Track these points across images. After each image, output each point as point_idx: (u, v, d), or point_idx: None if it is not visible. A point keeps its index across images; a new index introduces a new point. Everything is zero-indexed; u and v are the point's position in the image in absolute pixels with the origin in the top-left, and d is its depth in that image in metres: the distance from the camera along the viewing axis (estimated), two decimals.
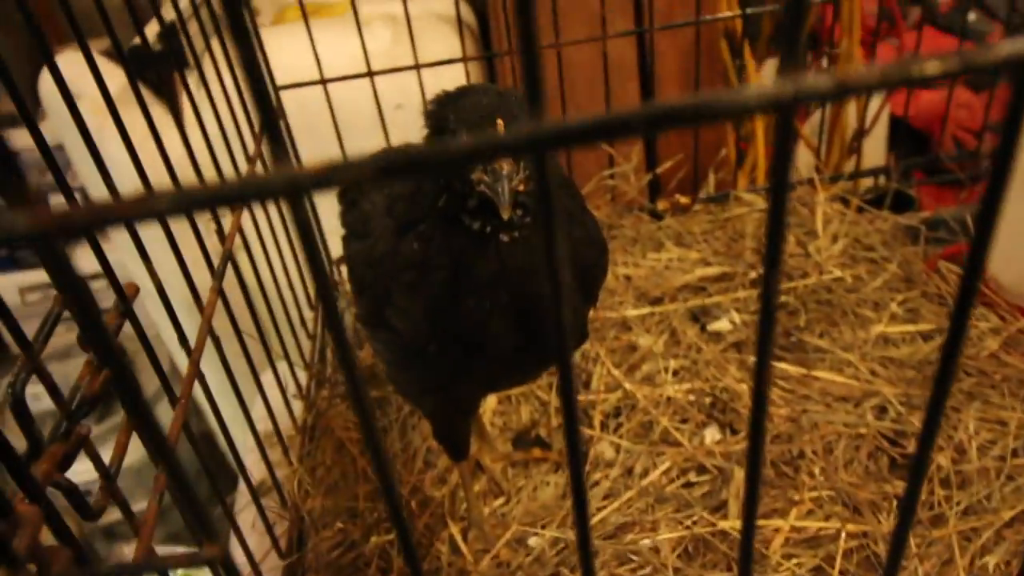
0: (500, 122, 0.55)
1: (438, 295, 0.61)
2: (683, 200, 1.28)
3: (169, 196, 0.20)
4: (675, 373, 1.02)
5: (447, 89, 0.62)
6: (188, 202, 0.20)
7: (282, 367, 0.95)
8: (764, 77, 1.53)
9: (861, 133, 1.38)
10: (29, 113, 0.52)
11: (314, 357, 1.05)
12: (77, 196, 0.56)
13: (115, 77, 0.67)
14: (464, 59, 1.17)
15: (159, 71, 1.30)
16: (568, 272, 0.27)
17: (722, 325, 1.10)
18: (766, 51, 1.73)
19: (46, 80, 1.42)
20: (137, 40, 0.71)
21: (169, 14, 0.88)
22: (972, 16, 1.83)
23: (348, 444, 0.96)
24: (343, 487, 0.92)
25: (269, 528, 0.77)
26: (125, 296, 0.52)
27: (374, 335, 0.70)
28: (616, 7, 1.29)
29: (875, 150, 1.59)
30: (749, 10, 1.24)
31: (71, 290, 0.24)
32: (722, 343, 1.07)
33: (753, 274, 1.18)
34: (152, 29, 1.26)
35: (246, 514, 0.83)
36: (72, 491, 0.42)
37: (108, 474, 0.47)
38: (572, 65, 1.27)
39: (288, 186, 0.20)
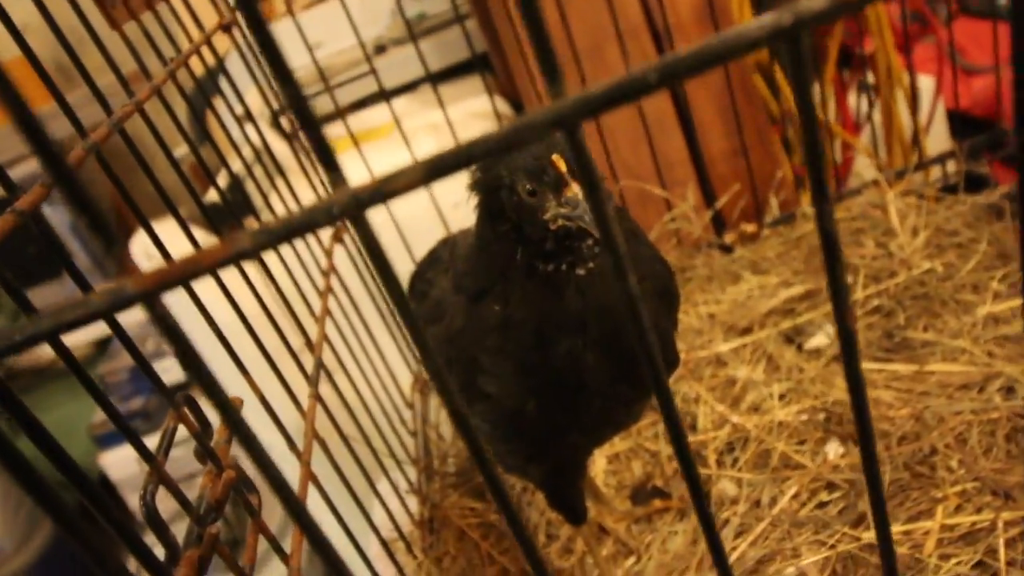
0: (559, 160, 0.57)
1: (527, 348, 0.62)
2: (750, 229, 1.27)
3: (251, 235, 0.22)
4: (781, 397, 0.99)
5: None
6: (268, 237, 0.22)
7: (389, 467, 0.96)
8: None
9: (918, 134, 1.35)
10: None
11: (419, 452, 1.06)
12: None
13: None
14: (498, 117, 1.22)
15: (234, 219, 1.41)
16: (645, 284, 0.28)
17: (819, 341, 1.07)
18: None
19: (137, 245, 1.56)
20: (214, 196, 0.76)
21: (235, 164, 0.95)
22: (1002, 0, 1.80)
23: (468, 531, 0.95)
24: (470, 573, 0.91)
25: None
26: (232, 408, 0.55)
27: (470, 410, 0.71)
28: (637, 64, 1.32)
29: (939, 148, 1.56)
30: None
31: (186, 357, 0.26)
32: (823, 358, 1.03)
33: None
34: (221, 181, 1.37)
35: None
36: None
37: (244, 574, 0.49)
38: (611, 128, 1.29)
39: (351, 204, 0.22)
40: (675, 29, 1.33)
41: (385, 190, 0.22)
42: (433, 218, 1.28)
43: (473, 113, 1.78)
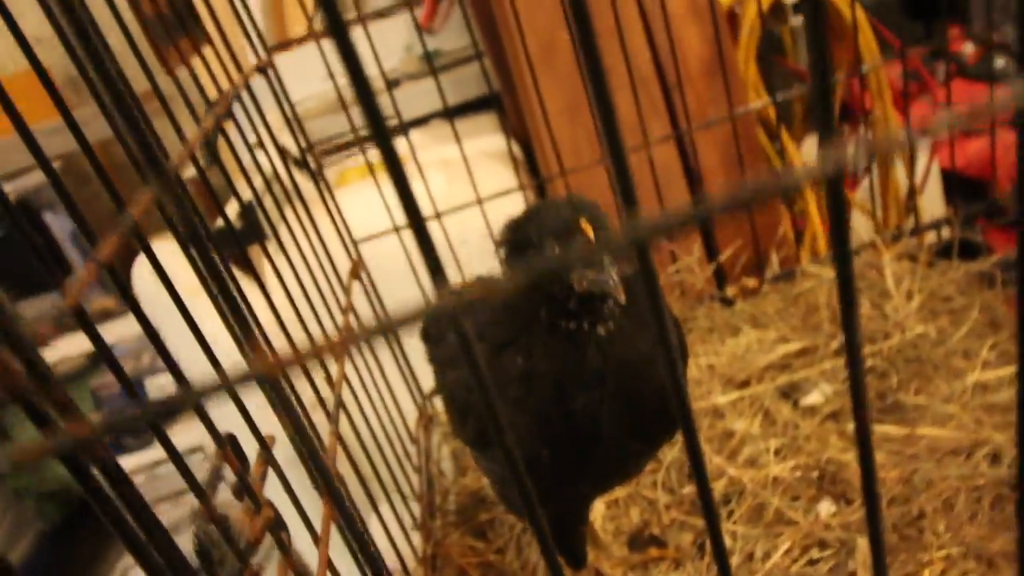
0: (586, 225, 0.61)
1: (547, 400, 0.65)
2: (751, 283, 1.31)
3: (366, 329, 0.25)
4: (777, 452, 1.02)
5: (514, 215, 0.69)
6: (382, 328, 0.26)
7: (394, 502, 0.99)
8: (805, 155, 1.59)
9: (913, 192, 1.41)
10: (135, 300, 0.53)
11: (423, 488, 1.09)
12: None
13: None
14: (521, 188, 1.26)
15: (241, 246, 1.43)
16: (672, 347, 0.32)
17: (814, 398, 1.11)
18: (803, 130, 1.79)
19: (138, 270, 1.55)
20: (221, 223, 0.78)
21: (245, 192, 0.98)
22: (1000, 62, 1.88)
23: (469, 569, 0.98)
24: None
25: None
26: (267, 445, 0.58)
27: (486, 455, 0.74)
28: (650, 114, 1.37)
29: (933, 207, 1.61)
30: (778, 96, 1.31)
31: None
32: (818, 416, 1.07)
33: (835, 344, 1.19)
34: (231, 209, 1.39)
35: None
36: None
37: None
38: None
39: (451, 306, 0.26)
40: (684, 81, 1.38)
41: (472, 298, 0.26)
42: (442, 254, 1.32)
43: (485, 152, 1.82)
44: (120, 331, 2.57)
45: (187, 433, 2.30)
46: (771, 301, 1.31)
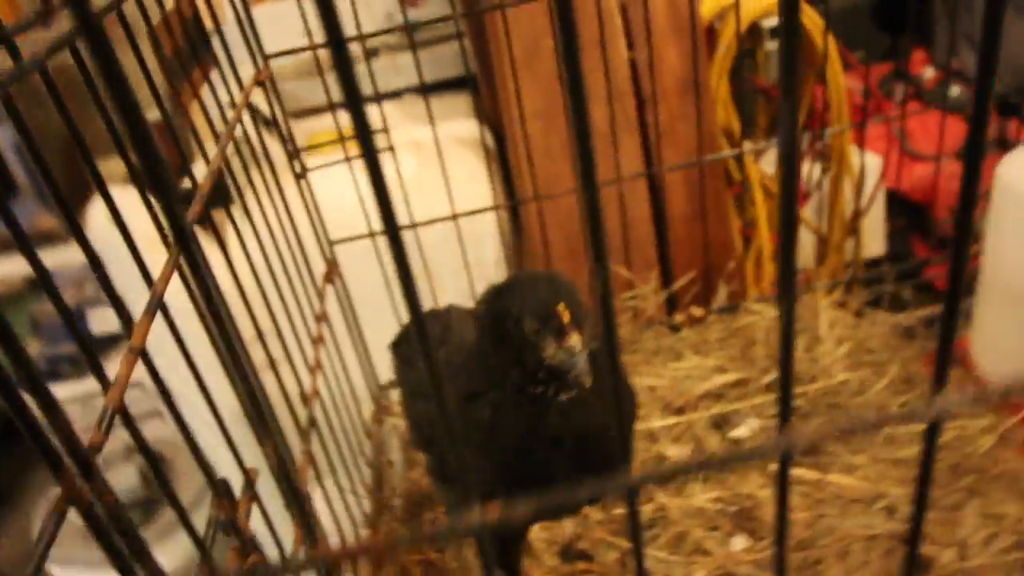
0: (564, 310, 0.68)
1: (508, 452, 0.73)
2: (697, 313, 1.40)
3: (407, 535, 0.32)
4: (704, 482, 1.12)
5: (494, 283, 0.76)
6: (416, 536, 0.32)
7: (346, 497, 1.06)
8: (763, 167, 1.66)
9: (858, 213, 1.51)
10: (79, 227, 0.51)
11: (374, 483, 1.16)
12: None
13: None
14: (495, 207, 1.32)
15: (207, 208, 1.44)
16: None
17: (742, 432, 1.21)
18: (765, 139, 1.86)
19: (93, 214, 1.49)
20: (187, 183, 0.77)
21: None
22: (955, 91, 1.94)
23: (411, 566, 1.06)
24: None
25: None
26: (252, 482, 0.64)
27: (444, 487, 0.82)
28: (623, 127, 1.43)
29: (874, 228, 1.72)
30: (746, 150, 1.39)
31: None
32: (742, 452, 1.17)
33: (767, 379, 1.30)
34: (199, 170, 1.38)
35: None
36: None
37: None
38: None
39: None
40: (660, 96, 1.44)
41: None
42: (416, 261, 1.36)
43: (457, 138, 1.84)
44: (64, 257, 2.49)
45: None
46: (715, 331, 1.41)
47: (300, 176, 1.14)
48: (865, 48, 1.92)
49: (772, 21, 1.70)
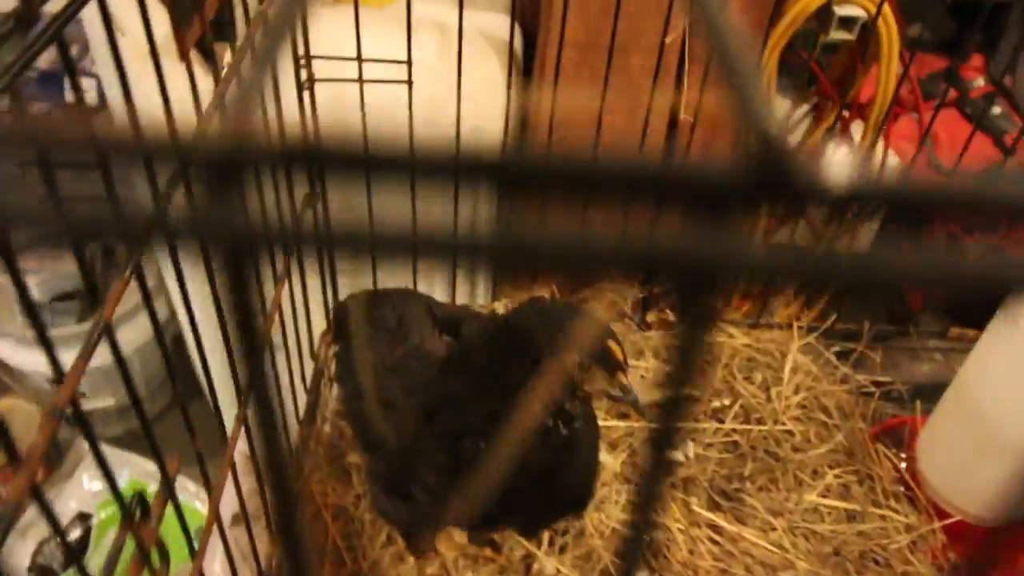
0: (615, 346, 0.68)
1: (475, 477, 0.71)
2: (670, 317, 1.38)
3: None
4: (627, 501, 1.13)
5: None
6: None
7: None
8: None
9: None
10: None
11: (307, 414, 1.14)
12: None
13: (162, 24, 0.67)
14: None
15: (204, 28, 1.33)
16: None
17: (676, 456, 1.21)
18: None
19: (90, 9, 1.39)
20: None
21: None
22: (997, 109, 1.79)
23: (324, 511, 1.06)
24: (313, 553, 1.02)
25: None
26: (170, 481, 0.61)
27: (385, 498, 0.80)
28: (662, 84, 1.34)
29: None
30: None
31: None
32: (671, 478, 1.18)
33: (716, 403, 1.29)
34: None
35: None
36: None
37: None
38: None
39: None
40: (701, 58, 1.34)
41: None
42: (403, 123, 1.28)
43: (484, 34, 1.66)
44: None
45: None
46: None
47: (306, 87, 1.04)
48: (924, 25, 1.73)
49: (846, 9, 1.56)
